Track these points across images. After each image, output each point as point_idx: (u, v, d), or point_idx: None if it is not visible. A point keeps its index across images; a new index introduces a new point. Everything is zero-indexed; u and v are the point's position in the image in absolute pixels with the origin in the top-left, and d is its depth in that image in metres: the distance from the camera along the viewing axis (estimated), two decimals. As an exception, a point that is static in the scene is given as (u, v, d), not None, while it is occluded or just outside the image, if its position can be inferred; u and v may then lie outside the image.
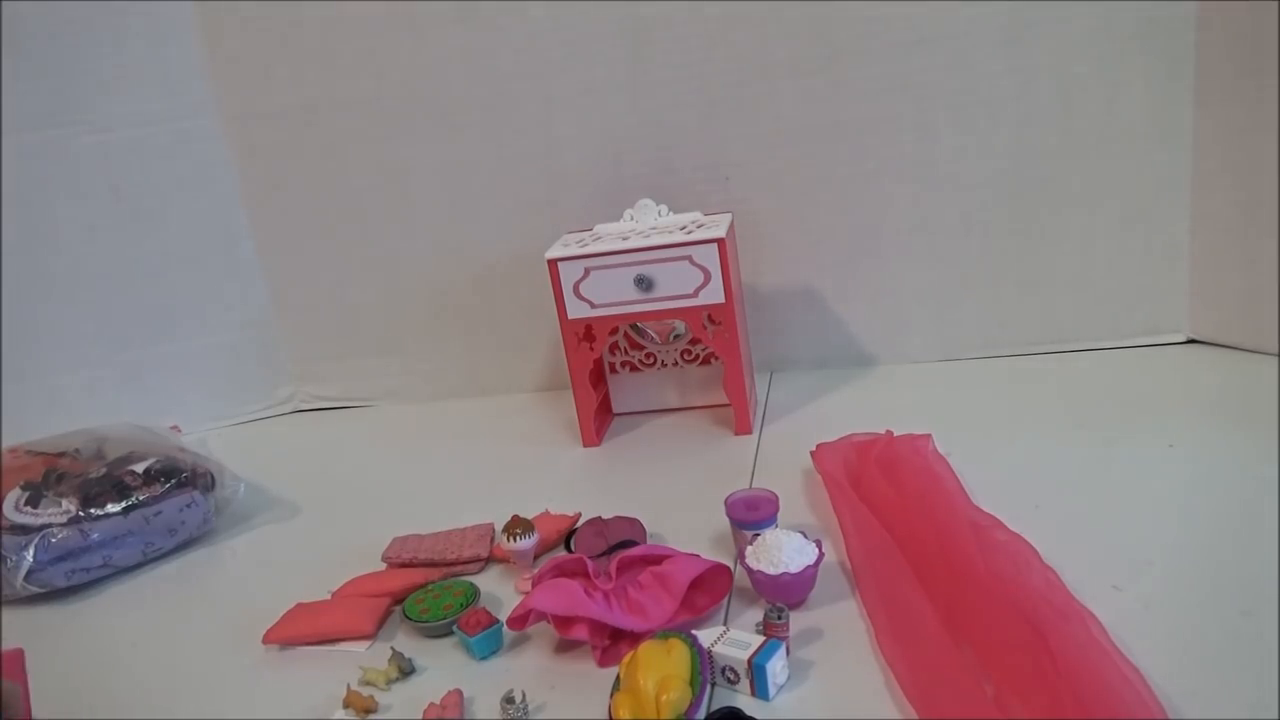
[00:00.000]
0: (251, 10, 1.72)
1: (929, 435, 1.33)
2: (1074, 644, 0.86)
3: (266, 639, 1.11)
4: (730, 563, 1.10)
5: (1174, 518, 1.12)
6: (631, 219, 1.57)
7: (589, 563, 1.06)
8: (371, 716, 0.96)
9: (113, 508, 1.36)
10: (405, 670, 1.02)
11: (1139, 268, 1.59)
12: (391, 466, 1.66)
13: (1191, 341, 1.60)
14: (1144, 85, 1.49)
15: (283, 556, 1.37)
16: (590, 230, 1.60)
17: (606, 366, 1.69)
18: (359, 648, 1.09)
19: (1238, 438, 1.25)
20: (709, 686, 0.91)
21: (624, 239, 1.48)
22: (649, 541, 1.20)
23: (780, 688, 0.91)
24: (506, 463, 1.58)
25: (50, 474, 1.41)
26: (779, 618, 0.95)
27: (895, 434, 1.35)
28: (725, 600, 1.07)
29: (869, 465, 1.26)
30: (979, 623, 0.93)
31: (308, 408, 2.00)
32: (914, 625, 0.95)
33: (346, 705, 0.97)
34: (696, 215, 1.57)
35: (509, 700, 0.91)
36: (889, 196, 1.64)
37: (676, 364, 1.67)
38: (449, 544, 1.24)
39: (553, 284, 1.48)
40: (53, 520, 1.32)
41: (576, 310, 1.49)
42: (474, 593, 1.12)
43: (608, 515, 1.25)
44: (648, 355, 1.67)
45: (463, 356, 1.90)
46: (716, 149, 1.66)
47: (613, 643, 1.00)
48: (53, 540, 1.30)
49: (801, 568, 1.01)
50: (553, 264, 1.47)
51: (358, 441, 1.82)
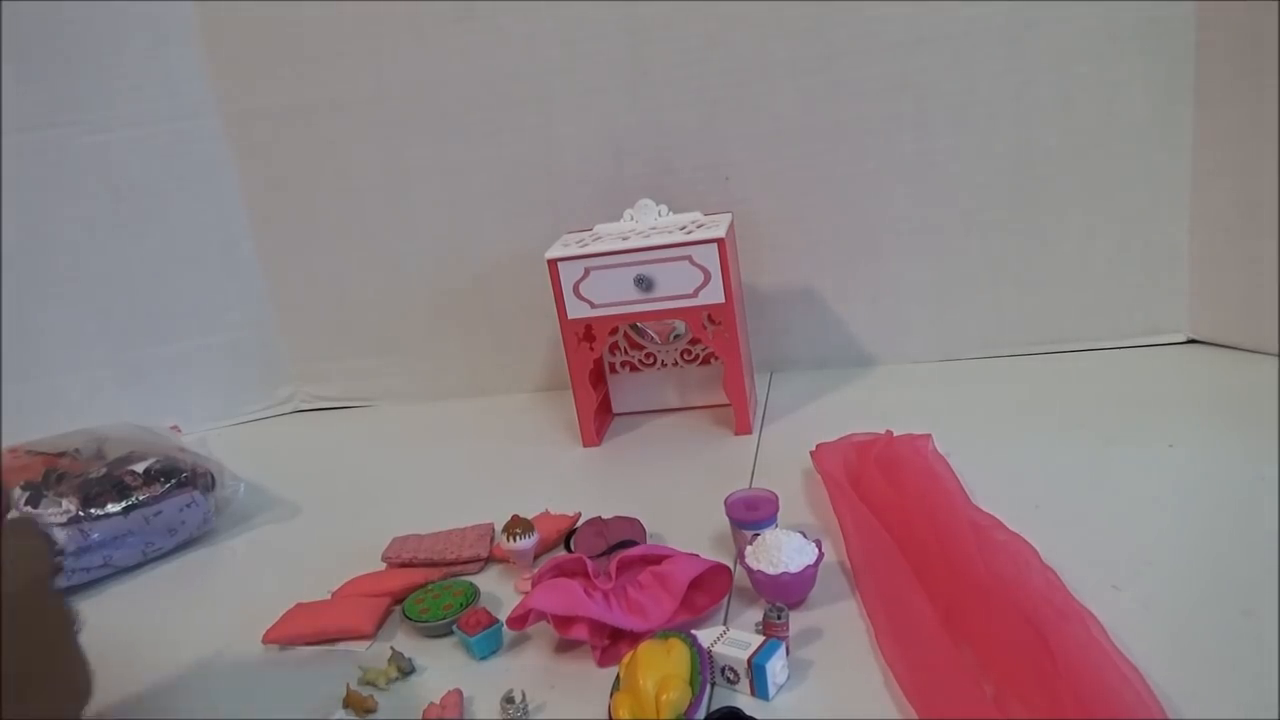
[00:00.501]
0: (251, 10, 1.72)
1: (929, 435, 1.33)
2: (1074, 644, 0.86)
3: (266, 639, 1.11)
4: (730, 562, 1.10)
5: (1174, 518, 1.12)
6: (631, 219, 1.57)
7: (589, 563, 1.06)
8: (371, 716, 0.96)
9: (113, 508, 1.36)
10: (405, 670, 1.02)
11: (1139, 268, 1.59)
12: (391, 466, 1.66)
13: (1191, 341, 1.60)
14: (1144, 85, 1.49)
15: (282, 556, 1.37)
16: (590, 230, 1.60)
17: (606, 366, 1.69)
18: (359, 647, 1.09)
19: (1238, 438, 1.25)
20: (709, 686, 0.91)
21: (624, 239, 1.48)
22: (649, 541, 1.20)
23: (780, 687, 0.91)
24: (506, 463, 1.58)
25: (50, 474, 1.40)
26: (779, 617, 0.95)
27: (895, 434, 1.35)
28: (725, 600, 1.07)
29: (869, 465, 1.26)
30: (979, 623, 0.93)
31: (308, 408, 2.00)
32: (914, 625, 0.95)
33: (346, 705, 0.97)
34: (696, 215, 1.57)
35: (509, 700, 0.91)
36: (889, 196, 1.64)
37: (676, 364, 1.67)
38: (449, 544, 1.24)
39: (553, 284, 1.48)
40: (53, 520, 1.32)
41: (576, 310, 1.49)
42: (474, 593, 1.12)
43: (607, 515, 1.25)
44: (647, 355, 1.67)
45: (463, 356, 1.90)
46: (716, 149, 1.66)
47: (612, 642, 1.00)
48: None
49: (801, 567, 1.01)
50: (553, 264, 1.47)
51: (358, 441, 1.82)
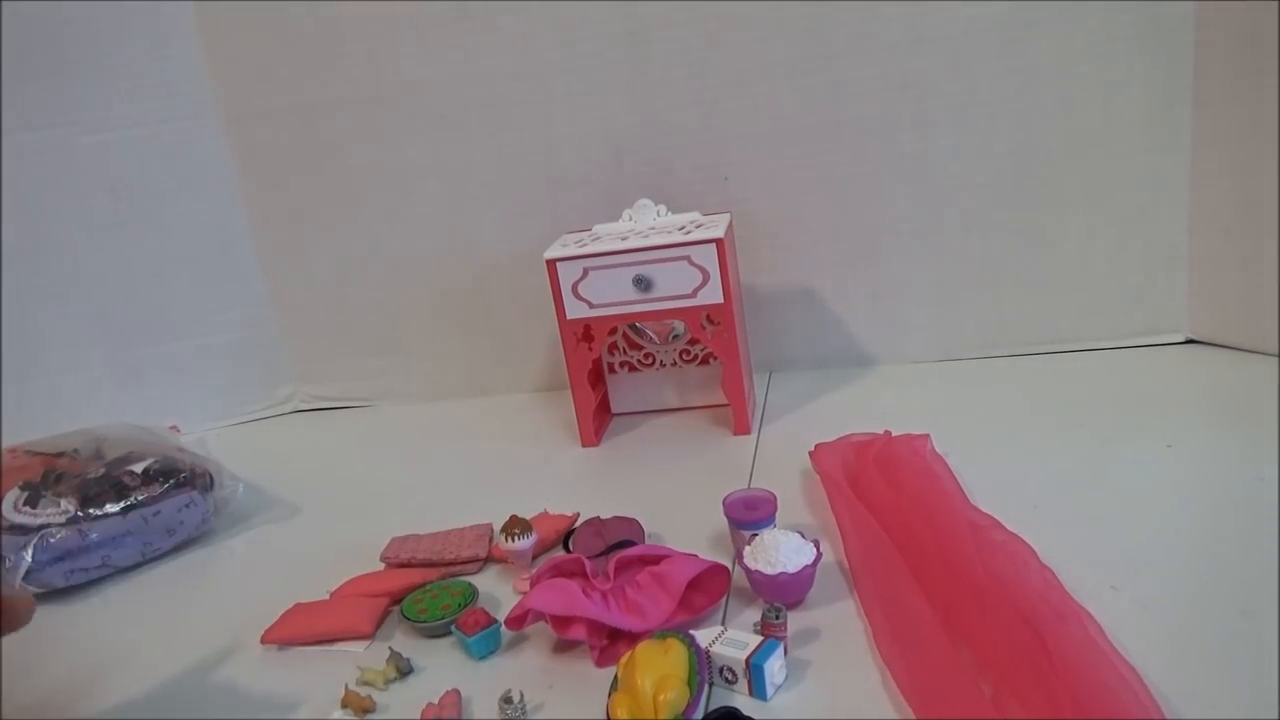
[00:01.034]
0: (251, 10, 1.72)
1: (927, 435, 1.33)
2: (1072, 644, 0.86)
3: (265, 639, 1.11)
4: (728, 563, 1.10)
5: (1173, 518, 1.12)
6: (630, 219, 1.57)
7: (587, 563, 1.06)
8: (369, 716, 0.96)
9: (111, 508, 1.36)
10: (403, 670, 1.01)
11: (1139, 268, 1.59)
12: (390, 466, 1.66)
13: (1191, 342, 1.60)
14: (1144, 85, 1.49)
15: (281, 556, 1.37)
16: (589, 230, 1.60)
17: (605, 366, 1.69)
18: (357, 648, 1.09)
19: (1237, 438, 1.25)
20: (707, 686, 0.91)
21: (623, 239, 1.48)
22: (647, 541, 1.20)
23: (778, 688, 0.91)
24: (505, 463, 1.58)
25: (49, 474, 1.41)
26: (777, 618, 0.95)
27: (894, 434, 1.34)
28: (723, 600, 1.06)
29: (867, 465, 1.26)
30: (977, 623, 0.93)
31: (307, 408, 2.00)
32: (912, 625, 0.95)
33: (344, 705, 0.97)
34: (695, 215, 1.57)
35: (507, 700, 0.91)
36: (889, 196, 1.63)
37: (675, 364, 1.67)
38: (447, 544, 1.24)
39: (551, 284, 1.48)
40: (51, 520, 1.32)
41: (575, 310, 1.49)
42: (472, 593, 1.12)
43: (606, 515, 1.25)
44: (646, 355, 1.67)
45: (462, 356, 1.90)
46: (716, 149, 1.66)
47: (610, 643, 1.00)
48: (51, 540, 1.30)
49: (799, 568, 1.01)
50: (551, 264, 1.47)
51: (357, 441, 1.82)
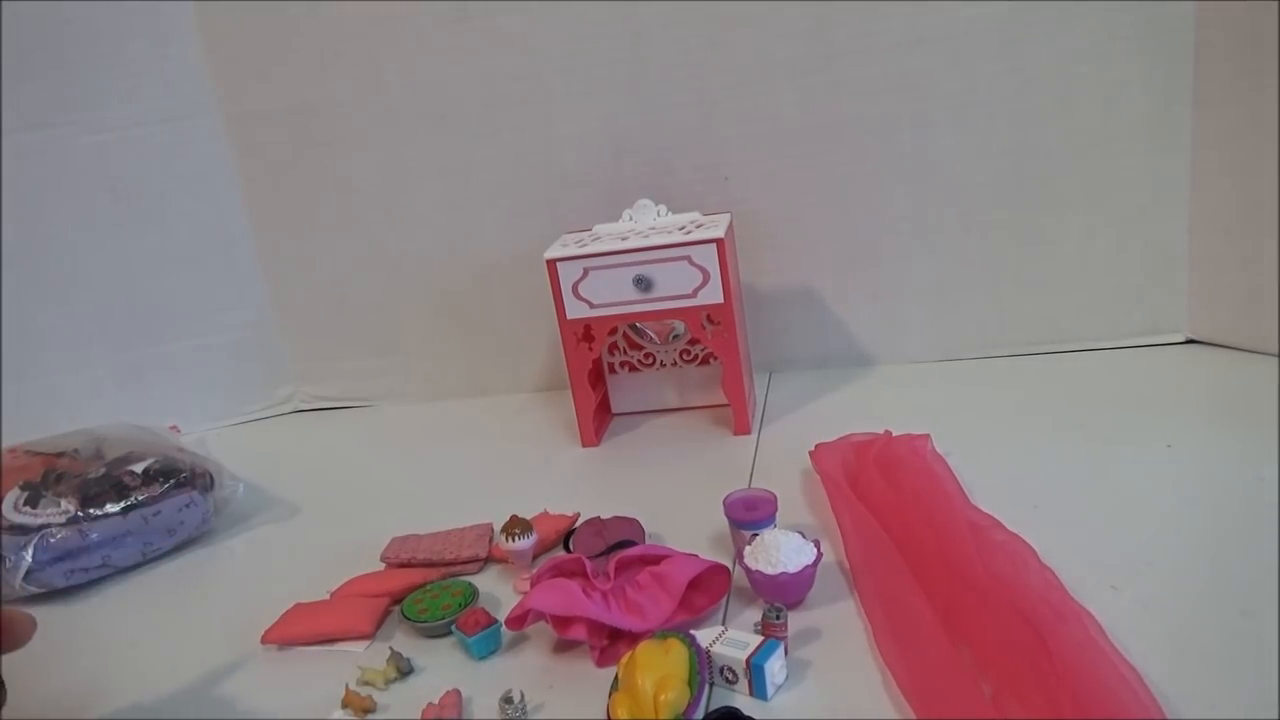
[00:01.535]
0: (251, 10, 1.72)
1: (928, 435, 1.33)
2: (1072, 644, 0.86)
3: (265, 639, 1.11)
4: (729, 563, 1.10)
5: (1173, 518, 1.12)
6: (630, 219, 1.57)
7: (587, 563, 1.06)
8: (370, 716, 0.96)
9: (112, 508, 1.36)
10: (403, 670, 1.01)
11: (1139, 268, 1.59)
12: (391, 466, 1.66)
13: (1191, 341, 1.60)
14: (1144, 85, 1.49)
15: (282, 556, 1.37)
16: (589, 230, 1.60)
17: (605, 366, 1.69)
18: (357, 648, 1.09)
19: (1237, 438, 1.25)
20: (707, 686, 0.91)
21: (623, 239, 1.48)
22: (647, 541, 1.19)
23: (778, 688, 0.91)
24: (505, 463, 1.58)
25: (49, 474, 1.41)
26: (777, 618, 0.95)
27: (894, 434, 1.34)
28: (723, 600, 1.06)
29: (868, 465, 1.26)
30: (977, 623, 0.93)
31: (307, 408, 2.00)
32: (912, 625, 0.95)
33: (345, 705, 0.97)
34: (695, 215, 1.57)
35: (507, 700, 0.91)
36: (889, 196, 1.64)
37: (675, 364, 1.67)
38: (447, 544, 1.24)
39: (551, 284, 1.48)
40: (51, 520, 1.32)
41: (575, 310, 1.49)
42: (472, 593, 1.12)
43: (606, 515, 1.25)
44: (647, 355, 1.67)
45: (462, 356, 1.90)
46: (716, 149, 1.66)
47: (611, 643, 1.00)
48: (51, 540, 1.30)
49: (800, 568, 1.01)
50: (551, 264, 1.47)
51: (357, 441, 1.82)
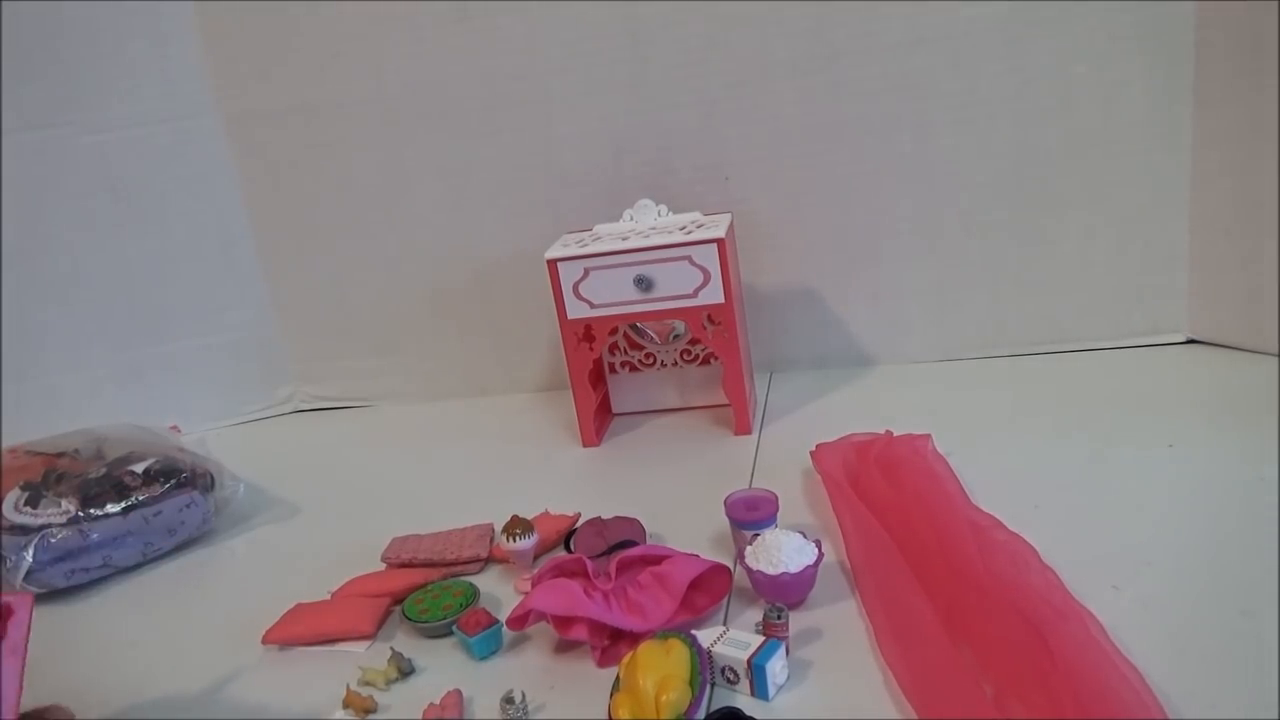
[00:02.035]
0: (251, 10, 1.72)
1: (928, 435, 1.33)
2: (1073, 644, 0.86)
3: (266, 639, 1.11)
4: (730, 563, 1.10)
5: (1173, 518, 1.12)
6: (631, 219, 1.57)
7: (588, 563, 1.06)
8: (371, 717, 0.96)
9: (112, 508, 1.36)
10: (404, 670, 1.02)
11: (1139, 268, 1.59)
12: (391, 466, 1.66)
13: (1191, 341, 1.60)
14: (1144, 85, 1.49)
15: (282, 556, 1.37)
16: (590, 230, 1.60)
17: (606, 366, 1.69)
18: (358, 648, 1.09)
19: (1238, 438, 1.25)
20: (708, 687, 0.91)
21: (624, 239, 1.48)
22: (648, 541, 1.20)
23: (780, 688, 0.91)
24: (506, 463, 1.58)
25: (50, 474, 1.41)
26: (778, 618, 0.95)
27: (895, 434, 1.35)
28: (725, 600, 1.07)
29: (868, 465, 1.26)
30: (978, 623, 0.93)
31: (307, 408, 2.00)
32: (913, 625, 0.95)
33: (346, 705, 0.97)
34: (696, 215, 1.57)
35: (508, 700, 0.91)
36: (889, 196, 1.64)
37: (676, 364, 1.67)
38: (448, 544, 1.24)
39: (552, 284, 1.48)
40: (52, 520, 1.32)
41: (576, 310, 1.49)
42: (473, 593, 1.12)
43: (607, 515, 1.25)
44: (647, 355, 1.67)
45: (462, 356, 1.90)
46: (716, 149, 1.66)
47: (612, 643, 1.00)
48: (52, 540, 1.30)
49: (801, 568, 1.01)
50: (552, 264, 1.47)
51: (357, 441, 1.82)
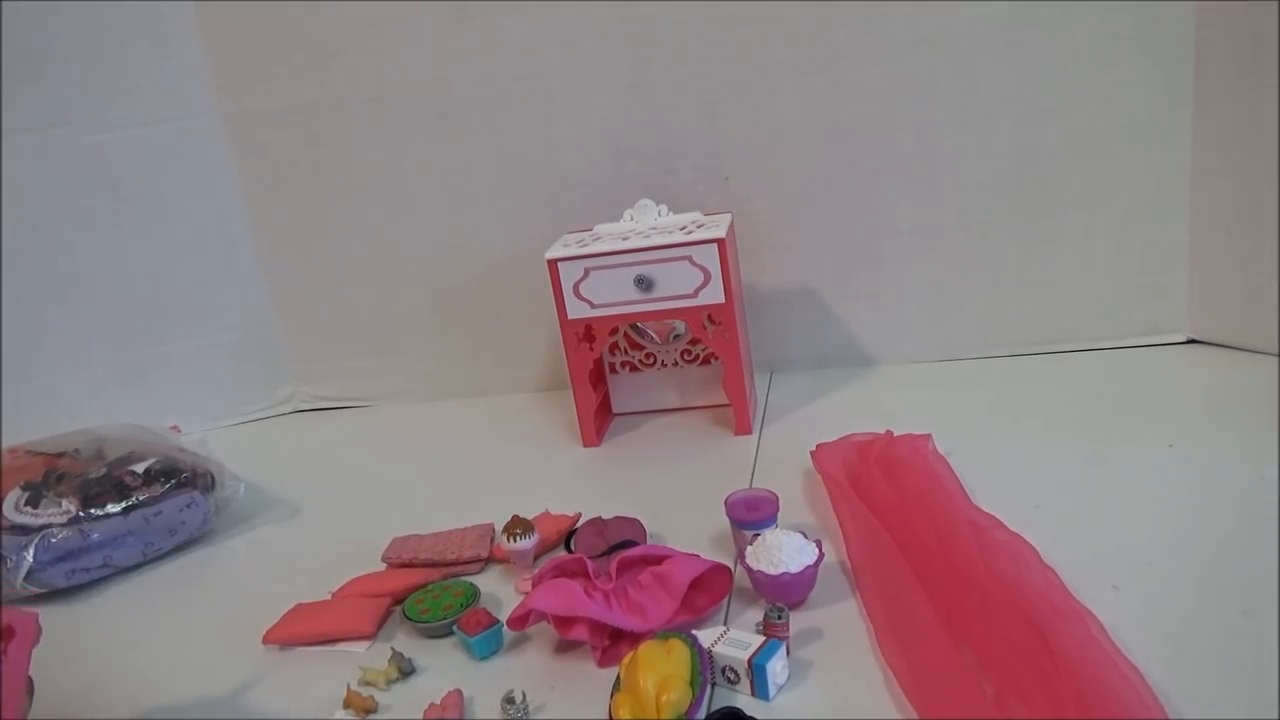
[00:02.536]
0: (251, 10, 1.72)
1: (929, 435, 1.33)
2: (1074, 644, 0.86)
3: (266, 639, 1.11)
4: (730, 563, 1.10)
5: (1174, 518, 1.12)
6: (631, 219, 1.57)
7: (589, 563, 1.06)
8: (371, 717, 0.96)
9: (113, 508, 1.36)
10: (405, 670, 1.02)
11: (1139, 268, 1.59)
12: (391, 466, 1.66)
13: (1191, 341, 1.61)
14: (1144, 85, 1.49)
15: (283, 556, 1.37)
16: (590, 230, 1.60)
17: (606, 366, 1.69)
18: (359, 648, 1.09)
19: (1238, 438, 1.25)
20: (709, 687, 0.91)
21: (624, 239, 1.48)
22: (649, 541, 1.20)
23: (780, 688, 0.91)
24: (506, 463, 1.58)
25: (50, 474, 1.41)
26: (779, 618, 0.95)
27: (895, 434, 1.35)
28: (725, 600, 1.07)
29: (869, 465, 1.26)
30: (979, 623, 0.93)
31: (308, 408, 2.00)
32: (914, 625, 0.95)
33: (346, 705, 0.97)
34: (696, 215, 1.57)
35: (509, 700, 0.92)
36: (889, 196, 1.64)
37: (676, 364, 1.67)
38: (449, 544, 1.24)
39: (553, 284, 1.48)
40: (53, 520, 1.32)
41: (576, 310, 1.49)
42: (474, 593, 1.12)
43: (608, 515, 1.25)
44: (647, 355, 1.67)
45: (463, 356, 1.90)
46: (716, 149, 1.66)
47: (613, 643, 1.00)
48: (53, 540, 1.30)
49: (801, 568, 1.01)
50: (552, 264, 1.47)
51: (358, 441, 1.82)
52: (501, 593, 1.17)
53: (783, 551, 1.02)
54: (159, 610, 1.28)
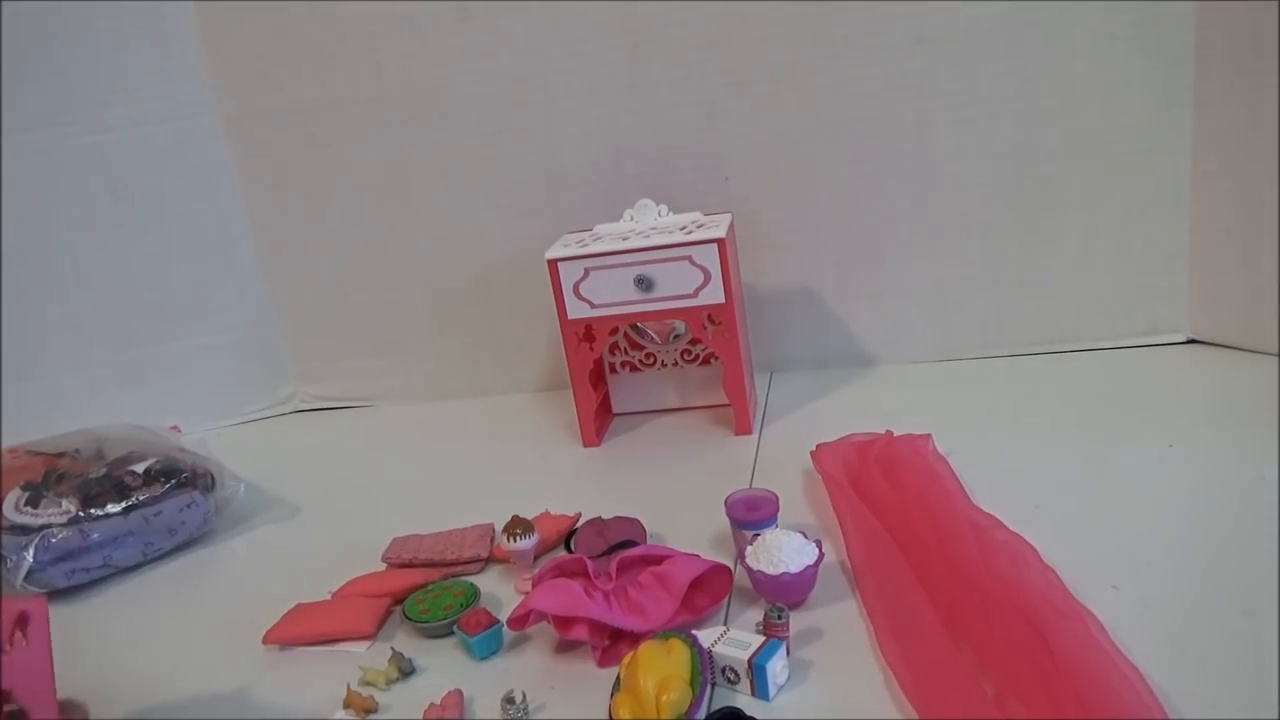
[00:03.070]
0: (251, 10, 1.72)
1: (929, 435, 1.33)
2: (1074, 644, 0.86)
3: (266, 639, 1.11)
4: (730, 563, 1.10)
5: (1174, 518, 1.12)
6: (631, 219, 1.57)
7: (589, 563, 1.06)
8: (371, 717, 0.96)
9: (113, 508, 1.36)
10: (405, 670, 1.02)
11: (1139, 268, 1.59)
12: (391, 466, 1.66)
13: (1191, 341, 1.61)
14: (1144, 85, 1.49)
15: (282, 557, 1.37)
16: (590, 230, 1.60)
17: (606, 366, 1.69)
18: (359, 648, 1.09)
19: (1238, 438, 1.25)
20: (709, 687, 0.91)
21: (624, 239, 1.48)
22: (649, 541, 1.20)
23: (780, 688, 0.91)
24: (506, 463, 1.58)
25: (50, 474, 1.41)
26: (779, 618, 0.95)
27: (895, 434, 1.35)
28: (725, 600, 1.07)
29: (869, 465, 1.26)
30: (979, 622, 0.93)
31: (308, 408, 2.00)
32: (914, 625, 0.95)
33: (346, 705, 0.97)
34: (696, 215, 1.57)
35: (509, 700, 0.92)
36: (889, 196, 1.64)
37: (676, 364, 1.67)
38: (449, 544, 1.24)
39: (553, 284, 1.48)
40: (53, 520, 1.32)
41: (576, 310, 1.49)
42: (474, 593, 1.12)
43: (608, 515, 1.25)
44: (648, 355, 1.67)
45: (463, 356, 1.90)
46: (716, 149, 1.66)
47: (613, 643, 1.00)
48: (53, 540, 1.30)
49: (801, 568, 1.01)
50: (553, 264, 1.47)
51: (358, 441, 1.82)
52: (501, 593, 1.17)
53: (783, 551, 1.02)
54: (159, 610, 1.28)
